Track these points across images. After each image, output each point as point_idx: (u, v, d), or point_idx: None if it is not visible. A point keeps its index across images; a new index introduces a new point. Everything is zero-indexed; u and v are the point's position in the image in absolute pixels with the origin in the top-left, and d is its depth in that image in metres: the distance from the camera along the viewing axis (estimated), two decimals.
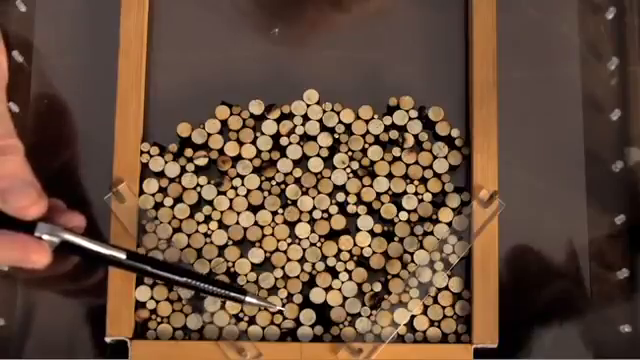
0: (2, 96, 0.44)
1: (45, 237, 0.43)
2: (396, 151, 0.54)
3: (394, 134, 0.54)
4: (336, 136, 0.54)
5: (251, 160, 0.54)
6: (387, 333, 0.52)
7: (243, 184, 0.54)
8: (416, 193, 0.54)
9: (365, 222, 0.53)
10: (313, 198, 0.54)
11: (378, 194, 0.54)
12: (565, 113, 0.56)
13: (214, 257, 0.53)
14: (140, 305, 0.53)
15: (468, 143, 0.54)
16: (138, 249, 0.53)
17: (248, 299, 0.49)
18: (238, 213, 0.53)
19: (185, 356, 0.52)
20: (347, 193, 0.54)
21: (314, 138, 0.54)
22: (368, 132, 0.54)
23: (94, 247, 0.45)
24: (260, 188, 0.54)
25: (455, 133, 0.54)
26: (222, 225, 0.53)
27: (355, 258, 0.53)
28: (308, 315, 0.53)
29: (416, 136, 0.54)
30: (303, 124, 0.54)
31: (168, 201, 0.54)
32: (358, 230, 0.53)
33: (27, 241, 0.42)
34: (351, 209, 0.53)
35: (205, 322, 0.53)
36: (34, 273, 0.45)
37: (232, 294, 0.49)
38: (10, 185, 0.41)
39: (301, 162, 0.54)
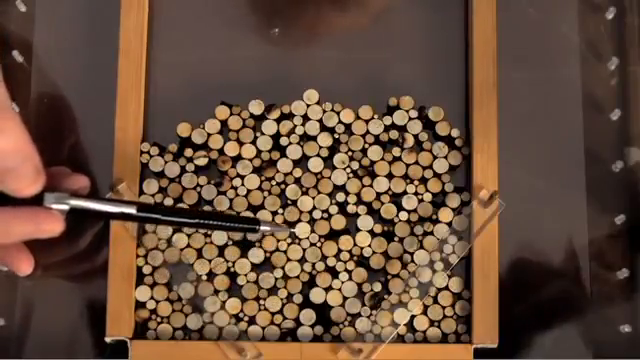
0: None
1: (54, 206, 0.43)
2: (396, 151, 0.54)
3: (394, 134, 0.54)
4: (336, 136, 0.54)
5: (251, 160, 0.54)
6: (387, 333, 0.52)
7: (243, 184, 0.54)
8: (416, 193, 0.54)
9: (365, 222, 0.53)
10: (313, 198, 0.54)
11: (378, 194, 0.54)
12: (565, 113, 0.56)
13: (214, 257, 0.53)
14: (140, 305, 0.53)
15: (468, 143, 0.54)
16: (138, 249, 0.53)
17: (262, 227, 0.49)
18: (238, 213, 0.53)
19: (185, 356, 0.52)
20: (347, 193, 0.54)
21: (314, 138, 0.54)
22: (368, 132, 0.54)
23: (103, 207, 0.45)
24: (260, 188, 0.54)
25: (455, 133, 0.54)
26: None
27: (355, 258, 0.53)
28: (308, 315, 0.53)
29: (416, 136, 0.54)
30: (303, 124, 0.54)
31: (168, 201, 0.54)
32: (358, 230, 0.53)
33: (37, 212, 0.42)
34: (351, 209, 0.53)
35: (205, 322, 0.53)
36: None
37: (245, 226, 0.49)
38: (8, 164, 0.40)
39: (301, 162, 0.54)
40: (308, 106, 0.55)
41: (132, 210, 0.46)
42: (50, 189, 0.43)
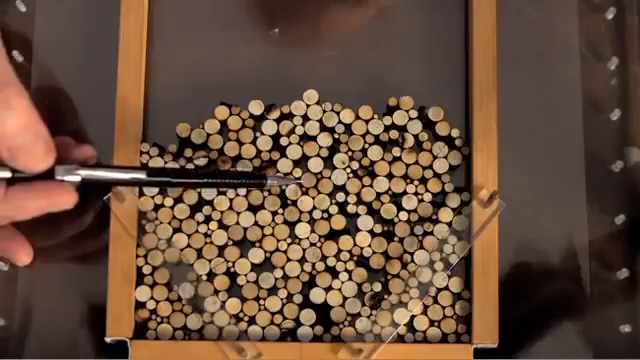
0: None
1: (66, 178, 0.43)
2: (396, 151, 0.54)
3: (394, 134, 0.54)
4: (336, 136, 0.54)
5: (251, 160, 0.54)
6: (387, 333, 0.52)
7: None
8: (416, 193, 0.54)
9: (365, 222, 0.53)
10: (313, 198, 0.54)
11: (378, 194, 0.54)
12: (565, 113, 0.56)
13: (214, 257, 0.53)
14: (140, 305, 0.53)
15: (468, 143, 0.54)
16: (138, 249, 0.53)
17: (269, 182, 0.50)
18: (238, 213, 0.53)
19: (185, 356, 0.52)
20: (347, 193, 0.54)
21: (314, 138, 0.54)
22: (368, 132, 0.54)
23: (114, 175, 0.45)
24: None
25: (455, 133, 0.54)
26: (222, 225, 0.53)
27: (355, 258, 0.53)
28: (308, 315, 0.53)
29: (416, 136, 0.54)
30: (303, 124, 0.54)
31: (168, 201, 0.53)
32: (358, 230, 0.53)
33: (50, 186, 0.42)
34: (351, 209, 0.53)
35: (205, 322, 0.53)
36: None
37: (253, 181, 0.50)
38: (19, 142, 0.40)
39: (301, 162, 0.54)
40: (308, 106, 0.55)
41: (142, 175, 0.46)
42: (58, 161, 0.43)
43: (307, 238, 0.53)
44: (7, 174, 0.42)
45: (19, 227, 0.50)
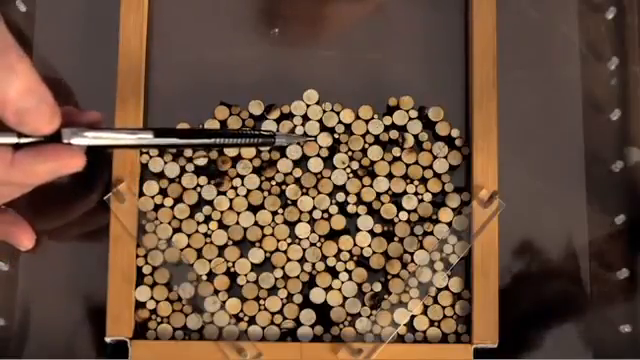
0: None
1: (73, 141, 0.43)
2: (396, 151, 0.54)
3: (394, 134, 0.54)
4: (336, 136, 0.54)
5: (251, 160, 0.54)
6: (387, 333, 0.52)
7: (243, 184, 0.54)
8: (416, 193, 0.54)
9: (365, 222, 0.53)
10: (313, 198, 0.54)
11: (378, 194, 0.54)
12: (565, 113, 0.56)
13: (214, 257, 0.53)
14: (140, 305, 0.53)
15: (468, 143, 0.54)
16: (138, 249, 0.53)
17: (278, 140, 0.50)
18: (238, 213, 0.53)
19: (185, 356, 0.52)
20: (347, 193, 0.54)
21: (314, 138, 0.54)
22: (368, 132, 0.54)
23: (121, 136, 0.45)
24: (260, 188, 0.54)
25: (455, 133, 0.54)
26: (222, 225, 0.53)
27: (355, 258, 0.53)
28: (308, 315, 0.53)
29: (416, 136, 0.54)
30: (303, 124, 0.54)
31: (168, 201, 0.54)
32: (358, 230, 0.53)
33: (58, 149, 0.42)
34: (351, 209, 0.53)
35: (205, 322, 0.53)
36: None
37: (261, 140, 0.49)
38: (26, 105, 0.40)
39: (301, 162, 0.54)
40: (308, 106, 0.55)
41: (149, 135, 0.45)
42: (64, 126, 0.43)
43: (307, 238, 0.53)
44: (13, 139, 0.41)
45: (21, 209, 0.50)
